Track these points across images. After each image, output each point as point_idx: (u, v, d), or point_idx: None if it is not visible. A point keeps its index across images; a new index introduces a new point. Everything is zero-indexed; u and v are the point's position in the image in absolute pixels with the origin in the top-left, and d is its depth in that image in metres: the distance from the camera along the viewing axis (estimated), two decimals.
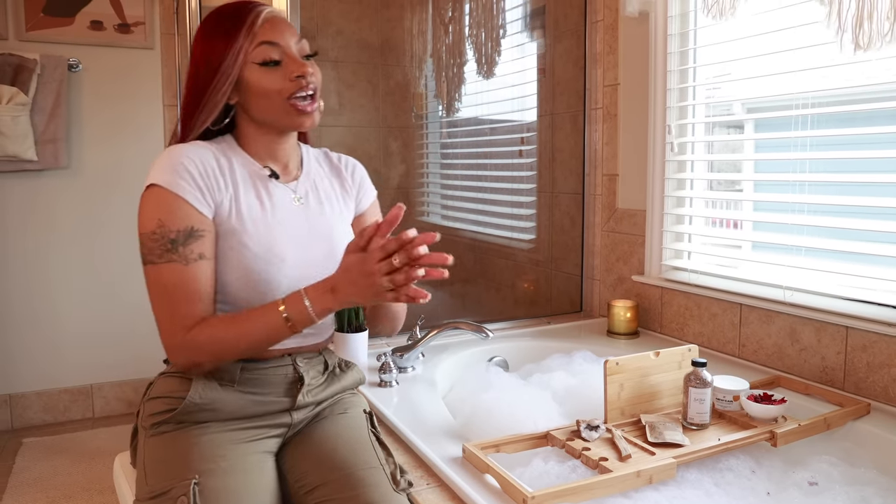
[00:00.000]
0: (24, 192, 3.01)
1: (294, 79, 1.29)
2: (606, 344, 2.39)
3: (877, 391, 1.77)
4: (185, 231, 1.22)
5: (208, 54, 1.28)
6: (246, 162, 1.36)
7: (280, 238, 1.32)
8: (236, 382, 1.32)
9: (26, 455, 2.79)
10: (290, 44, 1.31)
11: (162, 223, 1.22)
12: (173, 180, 1.24)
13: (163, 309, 1.22)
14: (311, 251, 1.36)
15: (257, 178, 1.36)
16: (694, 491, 1.37)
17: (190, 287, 1.22)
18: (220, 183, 1.29)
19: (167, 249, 1.21)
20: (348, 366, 1.53)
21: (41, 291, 3.06)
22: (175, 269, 1.21)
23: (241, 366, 1.33)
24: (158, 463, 1.23)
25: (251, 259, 1.28)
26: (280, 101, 1.30)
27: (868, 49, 1.68)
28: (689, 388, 1.56)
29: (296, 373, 1.38)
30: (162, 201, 1.23)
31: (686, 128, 2.41)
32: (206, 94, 1.29)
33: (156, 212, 1.23)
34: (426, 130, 3.68)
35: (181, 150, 1.28)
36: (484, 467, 1.37)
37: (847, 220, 1.93)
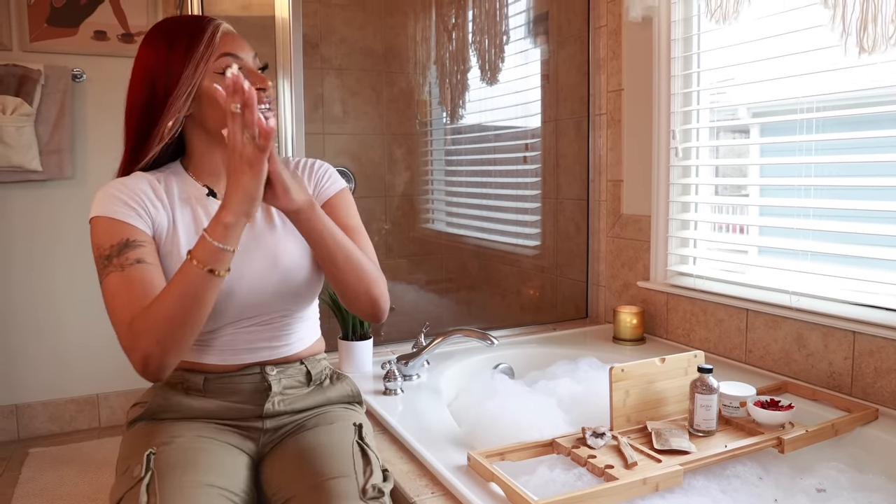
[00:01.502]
0: (29, 202, 3.02)
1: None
2: (612, 350, 2.38)
3: (885, 396, 1.76)
4: (118, 244, 1.22)
5: (167, 64, 1.27)
6: (185, 184, 1.36)
7: None
8: (202, 391, 1.35)
9: (32, 465, 2.79)
10: (248, 58, 1.33)
11: (99, 245, 1.23)
12: (105, 207, 1.25)
13: (112, 317, 1.20)
14: (252, 266, 1.32)
15: (195, 199, 1.35)
16: (701, 498, 1.36)
17: (130, 291, 1.19)
18: (157, 205, 1.30)
19: (104, 266, 1.21)
20: (340, 378, 1.51)
21: (46, 301, 3.07)
22: (112, 278, 1.20)
23: (204, 377, 1.35)
24: (128, 447, 1.30)
25: None
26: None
27: (873, 52, 1.68)
28: (695, 394, 1.55)
29: (264, 381, 1.38)
30: (98, 229, 1.25)
31: (690, 133, 2.40)
32: (167, 105, 1.27)
33: (94, 239, 1.24)
34: (430, 137, 3.68)
35: (112, 184, 1.30)
36: (489, 475, 1.36)
37: (853, 224, 1.92)
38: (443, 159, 3.70)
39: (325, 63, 3.40)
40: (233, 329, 1.36)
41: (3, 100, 2.81)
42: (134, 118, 1.31)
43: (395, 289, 3.40)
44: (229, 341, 1.36)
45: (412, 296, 3.52)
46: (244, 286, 1.31)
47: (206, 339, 1.36)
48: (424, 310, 3.51)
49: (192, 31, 1.29)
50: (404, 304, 3.37)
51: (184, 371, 1.37)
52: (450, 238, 3.65)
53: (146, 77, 1.29)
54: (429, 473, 1.46)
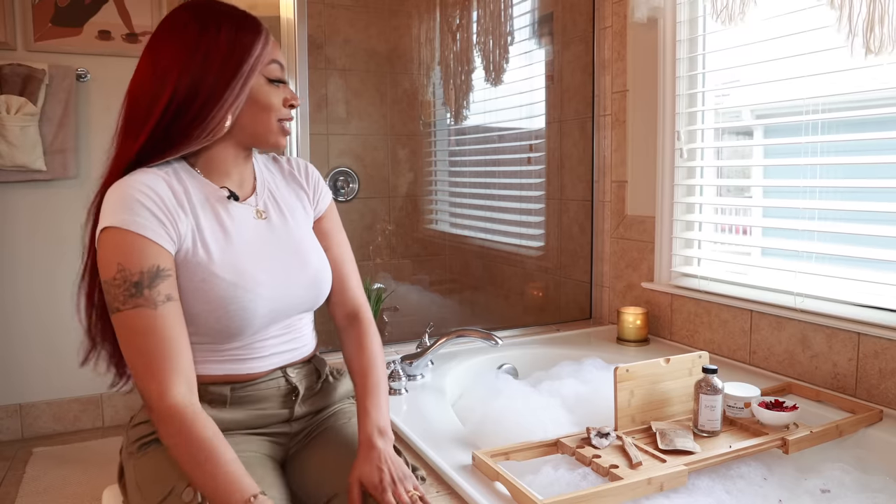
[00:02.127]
0: (33, 201, 3.02)
1: (288, 105, 1.30)
2: (616, 351, 2.38)
3: (889, 398, 1.76)
4: (149, 272, 1.13)
5: (236, 42, 1.21)
6: (201, 185, 1.26)
7: (249, 261, 1.24)
8: (228, 404, 1.28)
9: (37, 464, 2.79)
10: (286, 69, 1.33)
11: (122, 266, 1.12)
12: (129, 218, 1.13)
13: (139, 358, 1.12)
14: (284, 268, 1.30)
15: (215, 201, 1.27)
16: (706, 498, 1.36)
17: (162, 335, 1.12)
18: (180, 213, 1.19)
19: (131, 294, 1.11)
20: (341, 373, 1.49)
21: (50, 301, 3.07)
22: (142, 314, 1.11)
23: (230, 387, 1.28)
24: (152, 474, 1.18)
25: (226, 289, 1.20)
26: (275, 120, 1.28)
27: (879, 53, 1.67)
28: (699, 394, 1.55)
29: (289, 384, 1.34)
30: (120, 243, 1.13)
31: (695, 134, 2.40)
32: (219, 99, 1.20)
33: (114, 256, 1.12)
34: (434, 138, 3.69)
35: (130, 183, 1.16)
36: (494, 475, 1.37)
37: (858, 225, 1.92)
38: (446, 160, 3.70)
39: (329, 64, 3.40)
40: (260, 337, 1.29)
41: (7, 99, 2.81)
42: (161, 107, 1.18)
43: (398, 289, 3.41)
44: (258, 348, 1.30)
45: (416, 296, 3.53)
46: (277, 293, 1.27)
47: (233, 351, 1.28)
48: (428, 310, 3.52)
49: (253, 22, 1.25)
50: (408, 305, 3.37)
51: (206, 385, 1.27)
52: (454, 239, 3.65)
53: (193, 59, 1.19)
54: (434, 473, 1.46)
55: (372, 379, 1.35)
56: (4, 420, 3.05)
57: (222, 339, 1.24)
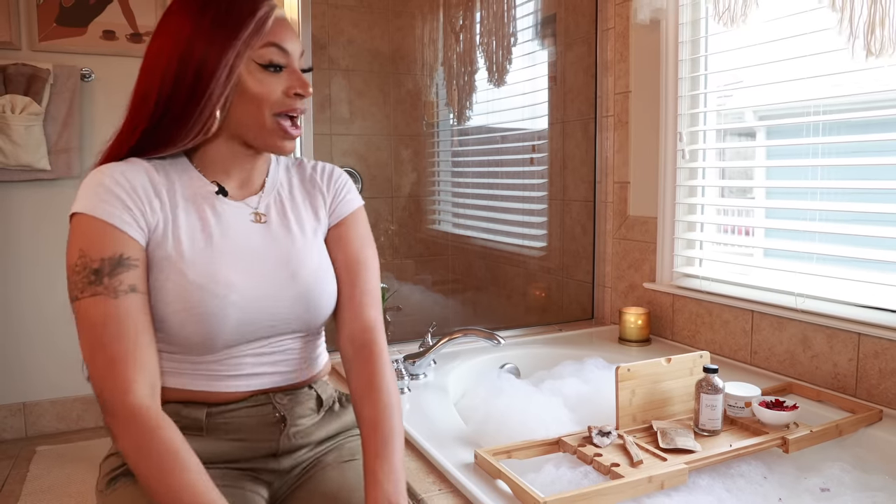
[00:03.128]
0: (37, 201, 3.03)
1: (292, 95, 1.13)
2: (618, 351, 2.39)
3: (889, 397, 1.77)
4: (111, 259, 1.03)
5: (206, 38, 1.08)
6: (190, 178, 1.15)
7: (226, 264, 1.11)
8: (204, 430, 1.13)
9: (40, 463, 2.80)
10: (295, 54, 1.15)
11: (84, 253, 1.03)
12: (97, 204, 1.04)
13: (96, 353, 1.01)
14: (267, 278, 1.14)
15: (202, 197, 1.15)
16: (706, 497, 1.37)
17: (123, 326, 1.01)
18: (155, 203, 1.09)
19: (90, 282, 1.02)
20: (349, 400, 1.29)
21: (54, 300, 3.08)
22: (100, 302, 1.01)
23: (206, 411, 1.13)
24: None
25: (192, 290, 1.07)
26: (268, 115, 1.12)
27: (880, 55, 1.68)
28: (700, 394, 1.56)
29: (276, 412, 1.18)
30: (85, 229, 1.04)
31: (697, 135, 2.41)
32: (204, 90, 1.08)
33: (77, 242, 1.04)
34: (437, 139, 3.70)
35: (104, 170, 1.08)
36: (496, 473, 1.38)
37: (858, 226, 1.93)
38: (449, 160, 3.71)
39: (332, 64, 3.42)
40: (239, 351, 1.14)
41: (12, 99, 2.82)
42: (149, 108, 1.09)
43: (402, 289, 3.42)
44: (234, 364, 1.15)
45: (419, 296, 3.54)
46: (254, 305, 1.12)
47: (207, 365, 1.14)
48: (431, 310, 3.53)
49: (243, 5, 1.10)
50: (411, 305, 3.38)
51: (178, 404, 1.12)
52: (456, 239, 3.66)
53: (176, 50, 1.08)
54: (436, 471, 1.47)
55: (383, 434, 1.11)
56: (8, 419, 3.06)
57: (190, 348, 1.10)
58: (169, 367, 1.12)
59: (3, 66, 2.83)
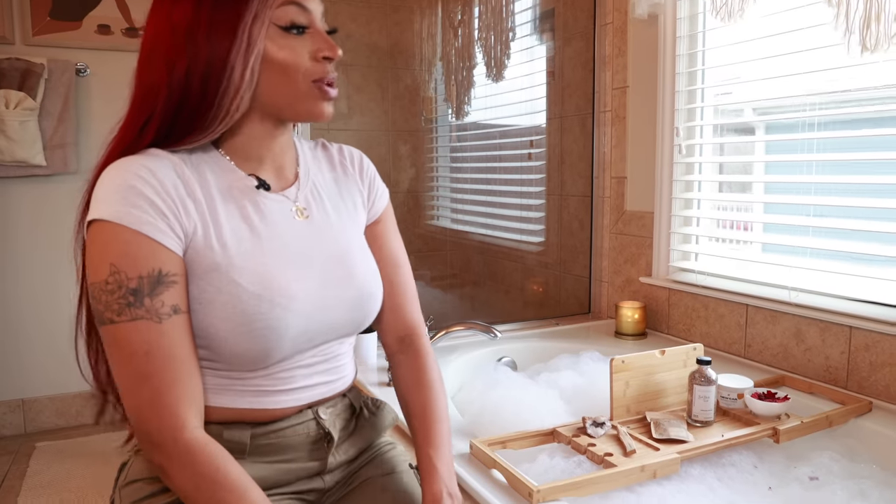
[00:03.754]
0: (34, 197, 3.01)
1: (321, 59, 0.99)
2: (614, 345, 2.41)
3: (879, 389, 1.79)
4: (150, 276, 0.90)
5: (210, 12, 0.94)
6: (222, 170, 1.01)
7: (282, 269, 0.99)
8: (247, 453, 1.01)
9: (40, 458, 2.81)
10: (317, 13, 1.01)
11: (116, 268, 0.89)
12: (124, 210, 0.90)
13: (139, 386, 0.90)
14: (324, 280, 1.04)
15: (240, 192, 1.01)
16: (697, 486, 1.39)
17: (171, 355, 0.90)
18: (189, 205, 0.95)
19: (128, 303, 0.89)
20: (377, 405, 1.22)
21: (52, 296, 3.08)
22: (143, 327, 0.89)
23: (250, 432, 1.02)
24: None
25: (249, 302, 0.94)
26: (305, 82, 0.98)
27: (875, 51, 1.70)
28: (693, 385, 1.58)
29: (320, 429, 1.08)
30: (114, 240, 0.90)
31: (694, 130, 2.43)
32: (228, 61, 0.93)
33: (106, 255, 0.90)
34: (436, 134, 3.70)
35: (127, 167, 0.92)
36: (491, 463, 1.39)
37: (853, 221, 1.94)
38: (448, 156, 3.72)
39: None
40: (291, 363, 1.04)
41: (6, 94, 2.79)
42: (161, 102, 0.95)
43: None
44: (285, 378, 1.04)
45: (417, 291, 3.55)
46: (314, 311, 1.02)
47: (255, 381, 1.02)
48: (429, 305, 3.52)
49: None
50: None
51: (220, 426, 1.00)
52: (455, 234, 3.67)
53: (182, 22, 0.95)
54: None
55: (435, 422, 1.11)
56: (7, 415, 3.07)
57: (242, 365, 0.99)
58: (211, 385, 1.00)
59: None
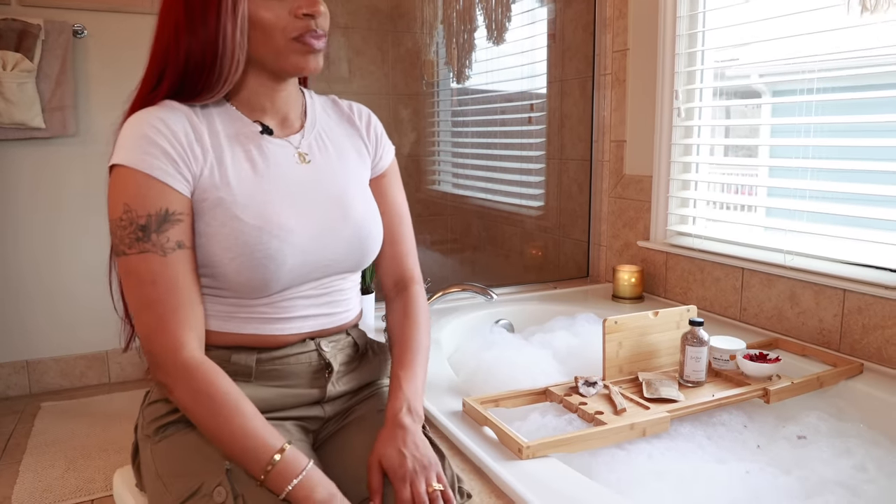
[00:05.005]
0: (33, 160, 3.01)
1: (301, 15, 1.07)
2: (611, 308, 2.42)
3: (870, 352, 1.80)
4: (157, 214, 1.02)
5: None
6: (231, 118, 1.13)
7: (281, 205, 1.10)
8: (253, 377, 1.13)
9: (45, 418, 2.85)
10: None
11: (129, 207, 1.01)
12: (138, 157, 1.02)
13: (145, 311, 1.02)
14: (322, 217, 1.14)
15: (245, 137, 1.13)
16: (686, 444, 1.41)
17: (173, 284, 1.02)
18: (197, 150, 1.07)
19: (138, 238, 1.01)
20: (381, 347, 1.33)
21: (54, 258, 3.09)
22: (150, 259, 1.01)
23: (256, 357, 1.13)
24: (176, 465, 1.06)
25: (250, 234, 1.06)
26: (283, 40, 1.08)
27: (875, 12, 1.69)
28: (685, 346, 1.59)
29: (321, 359, 1.18)
30: (128, 182, 1.02)
31: (693, 93, 2.41)
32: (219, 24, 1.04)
33: (121, 195, 1.02)
34: (437, 98, 3.69)
35: (144, 118, 1.05)
36: (483, 420, 1.41)
37: (849, 184, 1.94)
38: (449, 120, 3.70)
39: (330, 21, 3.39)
40: (292, 293, 1.14)
41: (3, 55, 2.76)
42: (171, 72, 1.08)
43: None
44: (286, 307, 1.15)
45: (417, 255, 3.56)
46: (311, 244, 1.12)
47: (259, 308, 1.13)
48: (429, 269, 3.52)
49: None
50: None
51: (229, 350, 1.12)
52: (455, 199, 3.67)
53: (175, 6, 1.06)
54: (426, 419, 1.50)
55: (412, 349, 1.21)
56: (13, 376, 3.11)
57: (246, 292, 1.09)
58: (219, 312, 1.12)
59: None
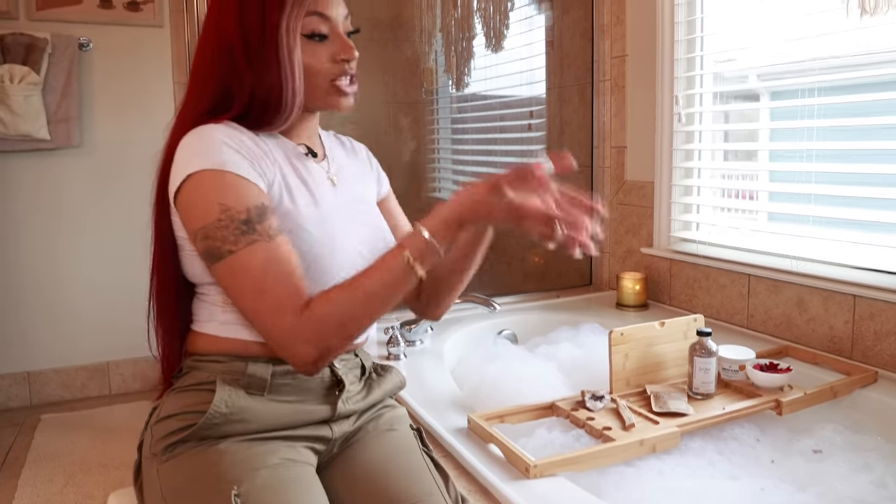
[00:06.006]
0: (37, 171, 3.03)
1: (339, 60, 1.14)
2: (615, 316, 2.39)
3: (884, 359, 1.77)
4: (256, 207, 1.02)
5: (264, 11, 1.08)
6: (279, 141, 1.17)
7: (333, 223, 1.14)
8: (266, 391, 1.10)
9: (45, 431, 2.83)
10: (339, 19, 1.15)
11: (226, 207, 1.00)
12: (221, 159, 1.02)
13: (261, 300, 0.99)
14: (357, 238, 1.18)
15: (293, 157, 1.16)
16: (697, 459, 1.38)
17: (284, 265, 1.00)
18: (266, 161, 1.09)
19: (242, 232, 1.00)
20: (385, 369, 1.34)
21: (56, 269, 3.09)
22: (259, 248, 1.00)
23: (271, 369, 1.11)
24: (182, 486, 1.03)
25: (311, 243, 1.08)
26: (324, 83, 1.14)
27: (875, 14, 1.67)
28: (694, 357, 1.56)
29: (333, 376, 1.17)
30: (218, 183, 1.02)
31: (693, 98, 2.39)
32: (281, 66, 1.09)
33: (213, 197, 1.01)
34: (436, 106, 3.67)
35: (213, 130, 1.06)
36: (488, 437, 1.38)
37: (855, 188, 1.91)
38: (449, 128, 3.68)
39: None
40: None
41: (10, 69, 2.81)
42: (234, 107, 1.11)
43: None
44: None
45: None
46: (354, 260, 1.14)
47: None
48: None
49: None
50: None
51: (244, 361, 1.11)
52: None
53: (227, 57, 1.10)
54: (430, 436, 1.47)
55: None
56: (13, 387, 3.09)
57: None
58: (240, 319, 1.11)
59: (1, 36, 2.81)
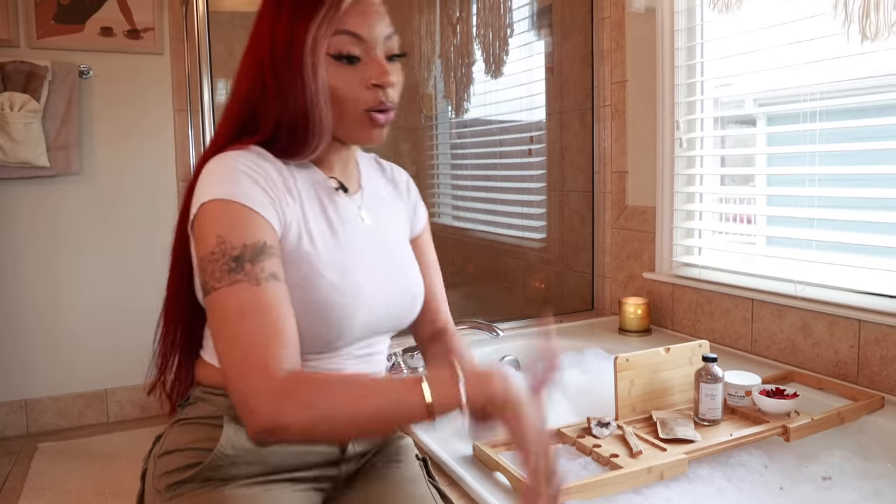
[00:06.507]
0: (37, 198, 3.04)
1: (370, 86, 1.02)
2: (618, 341, 2.38)
3: (891, 384, 1.76)
4: (252, 245, 0.93)
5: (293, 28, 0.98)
6: (308, 172, 1.08)
7: (355, 264, 1.06)
8: None
9: (42, 459, 2.80)
10: (377, 39, 1.03)
11: (222, 239, 0.92)
12: (232, 189, 0.95)
13: (231, 350, 0.89)
14: (385, 279, 1.10)
15: (322, 191, 1.08)
16: (706, 487, 1.36)
17: (266, 314, 0.90)
18: (287, 197, 1.01)
19: (229, 269, 0.91)
20: None
21: (54, 297, 3.08)
22: (241, 290, 0.90)
23: None
24: None
25: (330, 291, 1.00)
26: (355, 112, 1.03)
27: (875, 39, 1.67)
28: (700, 383, 1.55)
29: None
30: (223, 214, 0.94)
31: (694, 123, 2.40)
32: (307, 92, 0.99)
33: (213, 228, 0.94)
34: (436, 131, 3.68)
35: (236, 157, 0.99)
36: (494, 465, 1.37)
37: (857, 212, 1.91)
38: (448, 153, 3.70)
39: None
40: (343, 351, 1.08)
41: (10, 96, 2.83)
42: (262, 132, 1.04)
43: None
44: (335, 364, 1.09)
45: None
46: (376, 307, 1.08)
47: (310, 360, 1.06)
48: None
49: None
50: None
51: None
52: (456, 232, 3.65)
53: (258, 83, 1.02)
54: (435, 464, 1.46)
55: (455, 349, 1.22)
56: (10, 415, 3.06)
57: (306, 347, 1.01)
58: None
59: (2, 64, 2.84)
